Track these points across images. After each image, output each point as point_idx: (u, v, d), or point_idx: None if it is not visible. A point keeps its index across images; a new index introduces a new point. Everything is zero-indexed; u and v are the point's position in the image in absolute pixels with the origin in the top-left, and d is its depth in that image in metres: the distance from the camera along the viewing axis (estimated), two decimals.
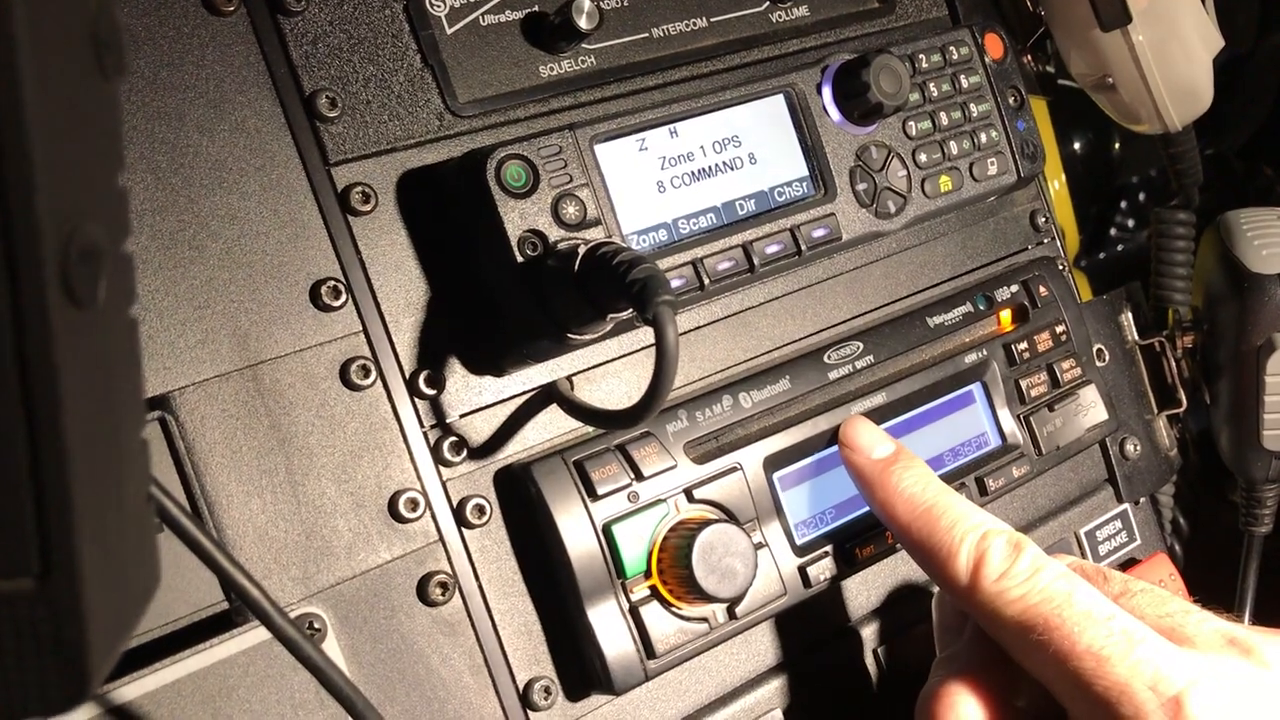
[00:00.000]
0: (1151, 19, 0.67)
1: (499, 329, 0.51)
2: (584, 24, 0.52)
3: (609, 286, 0.45)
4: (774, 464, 0.56)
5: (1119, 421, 0.69)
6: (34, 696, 0.25)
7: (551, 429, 0.54)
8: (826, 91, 0.58)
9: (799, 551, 0.56)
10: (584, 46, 0.56)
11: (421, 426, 0.51)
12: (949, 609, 0.53)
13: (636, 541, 0.52)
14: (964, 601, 0.48)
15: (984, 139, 0.62)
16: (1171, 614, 0.45)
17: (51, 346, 0.23)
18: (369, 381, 0.50)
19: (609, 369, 0.56)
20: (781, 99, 0.57)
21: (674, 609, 0.52)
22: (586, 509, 0.51)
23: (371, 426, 0.50)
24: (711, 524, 0.51)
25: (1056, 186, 0.83)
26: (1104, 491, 0.71)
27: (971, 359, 0.63)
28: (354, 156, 0.51)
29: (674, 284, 0.51)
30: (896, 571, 0.63)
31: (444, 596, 0.50)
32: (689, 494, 0.54)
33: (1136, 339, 0.73)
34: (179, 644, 0.46)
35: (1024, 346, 0.64)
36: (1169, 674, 0.41)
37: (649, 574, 0.52)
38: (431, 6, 0.53)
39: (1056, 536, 0.68)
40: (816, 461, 0.58)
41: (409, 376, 0.51)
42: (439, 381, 0.52)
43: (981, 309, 0.65)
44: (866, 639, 0.61)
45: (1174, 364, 0.73)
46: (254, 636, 0.46)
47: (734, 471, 0.55)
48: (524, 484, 0.51)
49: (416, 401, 0.51)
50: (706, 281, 0.53)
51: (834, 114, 0.58)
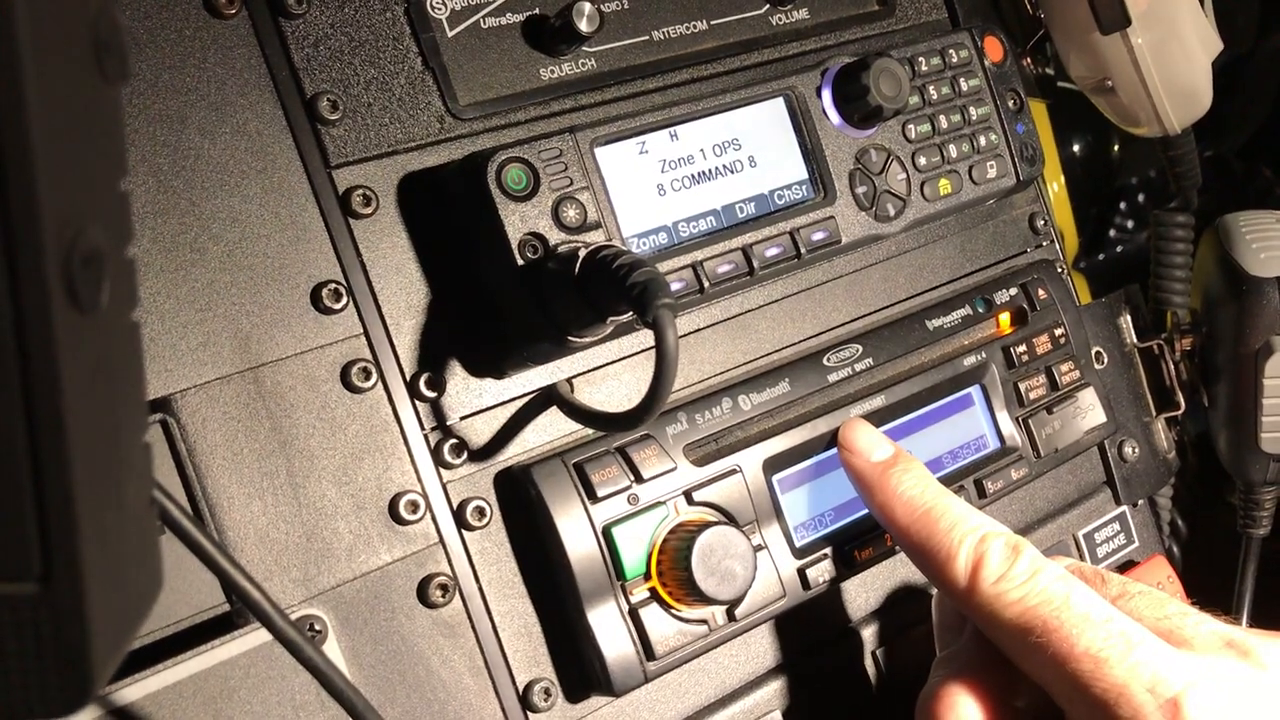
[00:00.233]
0: (1151, 21, 0.67)
1: (499, 332, 0.51)
2: (584, 27, 0.52)
3: (609, 289, 0.45)
4: (773, 466, 0.57)
5: (1117, 424, 0.69)
6: (36, 699, 0.25)
7: (552, 431, 0.54)
8: (826, 94, 0.58)
9: (798, 554, 0.56)
10: (584, 49, 0.57)
11: (422, 429, 0.51)
12: (948, 609, 0.53)
13: (636, 543, 0.52)
14: (962, 604, 0.48)
15: (983, 142, 0.63)
16: (1169, 616, 0.45)
17: (54, 350, 0.23)
18: (370, 384, 0.50)
19: (609, 371, 0.56)
20: (781, 102, 0.57)
21: (673, 611, 0.52)
22: (586, 511, 0.51)
23: (372, 429, 0.50)
24: (711, 526, 0.51)
25: (1055, 189, 0.83)
26: (1102, 494, 0.71)
27: (970, 362, 0.63)
28: (355, 159, 0.51)
29: (674, 287, 0.51)
30: (895, 573, 0.63)
31: (444, 598, 0.50)
32: (689, 496, 0.54)
33: (1135, 342, 0.73)
34: (180, 646, 0.46)
35: (1023, 349, 0.65)
36: (1167, 676, 0.41)
37: (648, 576, 0.52)
38: (433, 9, 0.54)
39: (1055, 539, 0.68)
40: (816, 464, 0.58)
41: (410, 379, 0.51)
42: (439, 384, 0.52)
43: (981, 312, 0.65)
44: (866, 640, 0.61)
45: (1173, 367, 0.73)
46: (255, 638, 0.47)
47: (733, 474, 0.55)
48: (524, 486, 0.51)
49: (417, 404, 0.51)
50: (706, 284, 0.53)
51: (834, 117, 0.58)
